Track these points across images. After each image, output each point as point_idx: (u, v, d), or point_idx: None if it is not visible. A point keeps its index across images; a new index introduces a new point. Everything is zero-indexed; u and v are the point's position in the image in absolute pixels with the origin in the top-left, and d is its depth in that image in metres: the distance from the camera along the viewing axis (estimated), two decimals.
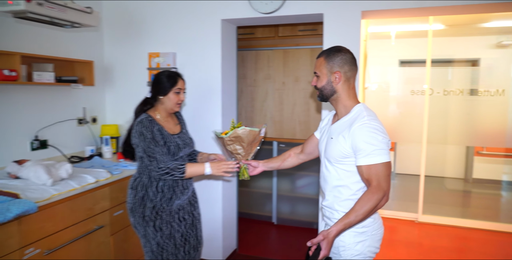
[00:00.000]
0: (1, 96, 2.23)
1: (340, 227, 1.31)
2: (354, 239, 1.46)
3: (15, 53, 2.14)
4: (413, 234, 3.67)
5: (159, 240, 1.90)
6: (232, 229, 3.11)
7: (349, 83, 1.49)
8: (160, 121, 1.90)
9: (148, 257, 1.95)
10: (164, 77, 1.90)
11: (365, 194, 1.34)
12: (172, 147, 1.87)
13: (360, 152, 1.38)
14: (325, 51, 1.51)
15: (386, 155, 1.37)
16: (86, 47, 2.89)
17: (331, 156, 1.49)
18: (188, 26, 2.80)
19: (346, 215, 1.32)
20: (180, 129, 2.02)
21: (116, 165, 2.47)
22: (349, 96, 1.50)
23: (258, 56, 3.76)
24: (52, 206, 1.77)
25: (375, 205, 1.32)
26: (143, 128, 1.80)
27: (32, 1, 1.73)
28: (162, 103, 1.92)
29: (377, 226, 1.51)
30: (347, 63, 1.47)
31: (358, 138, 1.38)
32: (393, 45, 4.45)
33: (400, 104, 4.24)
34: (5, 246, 1.55)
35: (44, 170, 1.90)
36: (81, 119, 2.85)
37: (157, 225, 1.89)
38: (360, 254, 1.46)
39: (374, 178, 1.35)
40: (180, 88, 1.91)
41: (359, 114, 1.44)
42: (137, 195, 1.88)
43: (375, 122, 1.40)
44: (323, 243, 1.28)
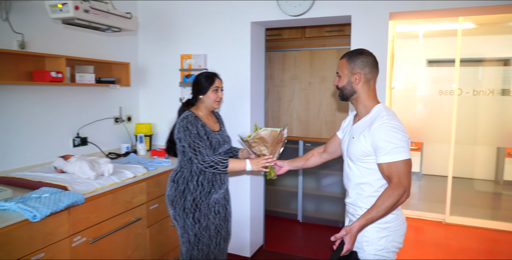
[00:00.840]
0: (49, 96, 2.41)
1: (362, 223, 1.36)
2: (377, 234, 1.51)
3: (61, 56, 2.30)
4: (440, 235, 3.64)
5: (196, 231, 2.03)
6: (259, 225, 3.20)
7: (369, 85, 1.55)
8: (202, 118, 2.04)
9: (185, 247, 2.07)
10: (203, 77, 2.04)
11: (386, 191, 1.39)
12: (214, 142, 2.00)
13: (380, 150, 1.43)
14: (348, 53, 1.58)
15: (406, 152, 1.42)
16: (122, 49, 3.05)
17: (353, 154, 1.55)
18: (219, 28, 2.90)
19: (368, 211, 1.37)
20: (219, 127, 2.15)
21: (151, 161, 2.61)
22: (369, 97, 1.56)
23: (285, 57, 3.83)
24: (96, 198, 1.91)
25: (396, 200, 1.37)
26: (189, 123, 1.93)
27: (80, 9, 1.87)
28: (202, 102, 2.06)
29: (400, 222, 1.55)
30: (367, 66, 1.53)
31: (378, 137, 1.44)
32: (420, 45, 4.41)
33: (428, 104, 4.20)
34: (57, 233, 1.69)
35: (88, 165, 2.05)
36: (117, 118, 3.01)
37: (196, 217, 2.01)
38: (383, 249, 1.51)
39: (395, 175, 1.40)
40: (218, 87, 2.04)
41: (378, 114, 1.49)
42: (178, 188, 2.02)
43: (394, 121, 1.45)
44: (346, 237, 1.34)
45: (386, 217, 1.49)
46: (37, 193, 1.75)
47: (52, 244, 1.67)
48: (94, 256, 1.91)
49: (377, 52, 2.45)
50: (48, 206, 1.60)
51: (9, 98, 2.16)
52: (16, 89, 2.20)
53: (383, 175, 1.46)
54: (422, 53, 4.54)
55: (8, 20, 2.09)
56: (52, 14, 1.88)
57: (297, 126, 3.86)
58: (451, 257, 3.12)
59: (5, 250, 1.46)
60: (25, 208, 1.56)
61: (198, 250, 2.06)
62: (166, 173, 2.44)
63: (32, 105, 2.30)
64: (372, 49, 2.45)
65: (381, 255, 1.51)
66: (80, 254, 1.82)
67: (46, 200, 1.66)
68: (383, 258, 1.52)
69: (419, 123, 4.18)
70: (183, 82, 3.03)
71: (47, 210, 1.58)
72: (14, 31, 2.14)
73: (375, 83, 1.57)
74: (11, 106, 2.17)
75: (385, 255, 1.52)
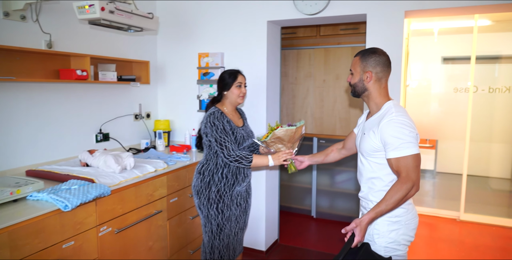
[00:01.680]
0: (74, 94, 2.51)
1: (372, 215, 1.41)
2: (388, 227, 1.55)
3: (86, 55, 2.40)
4: (455, 232, 3.65)
5: (219, 222, 2.13)
6: (274, 220, 3.26)
7: (380, 83, 1.59)
8: (227, 114, 2.14)
9: (207, 237, 2.18)
10: (226, 74, 2.15)
11: (394, 185, 1.43)
12: (238, 137, 2.10)
13: (389, 145, 1.47)
14: (362, 52, 1.62)
15: (414, 147, 1.45)
16: (142, 48, 3.15)
17: (364, 150, 1.61)
18: (236, 27, 2.97)
19: (378, 204, 1.42)
20: (243, 123, 2.25)
21: (170, 156, 2.70)
22: (380, 94, 1.60)
23: (300, 55, 3.87)
24: (120, 190, 2.00)
25: (404, 194, 1.40)
26: (215, 119, 2.04)
27: (105, 10, 1.96)
28: (227, 98, 2.16)
29: (411, 216, 1.58)
30: (379, 65, 1.57)
31: (386, 133, 1.48)
32: (436, 42, 4.40)
33: (442, 101, 4.19)
34: (86, 223, 1.79)
35: (113, 159, 2.14)
36: (137, 115, 3.11)
37: (219, 207, 2.12)
38: (394, 241, 1.55)
39: (403, 169, 1.43)
40: (241, 83, 2.15)
41: (388, 111, 1.54)
42: (204, 179, 2.12)
43: (402, 117, 1.49)
44: (356, 230, 1.38)
45: (396, 211, 1.53)
46: (67, 184, 1.85)
47: (81, 233, 1.77)
48: (118, 245, 2.01)
49: (392, 50, 2.49)
50: (78, 197, 1.70)
51: (37, 96, 2.27)
52: (43, 87, 2.31)
53: (392, 169, 1.50)
54: (437, 50, 4.52)
55: (38, 21, 2.19)
56: (80, 15, 1.98)
57: (311, 123, 3.91)
58: (465, 254, 3.13)
59: (40, 237, 1.56)
60: (57, 198, 1.66)
61: (219, 240, 2.17)
62: (185, 168, 2.52)
63: (58, 102, 2.41)
64: (387, 47, 2.49)
65: (392, 248, 1.55)
66: (106, 244, 1.92)
67: (76, 191, 1.76)
68: (394, 251, 1.56)
69: (433, 121, 4.18)
70: (201, 80, 3.11)
71: (77, 201, 1.68)
72: (43, 31, 2.24)
73: (387, 82, 1.62)
74: (39, 103, 2.28)
75: (396, 248, 1.56)
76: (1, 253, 1.41)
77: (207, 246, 2.21)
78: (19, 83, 2.15)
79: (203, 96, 3.12)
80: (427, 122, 4.37)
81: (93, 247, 1.84)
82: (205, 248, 2.24)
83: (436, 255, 3.13)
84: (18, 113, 2.16)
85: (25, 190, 1.70)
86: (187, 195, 2.57)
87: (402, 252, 1.58)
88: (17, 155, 2.17)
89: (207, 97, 3.11)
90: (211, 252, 2.21)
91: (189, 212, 2.60)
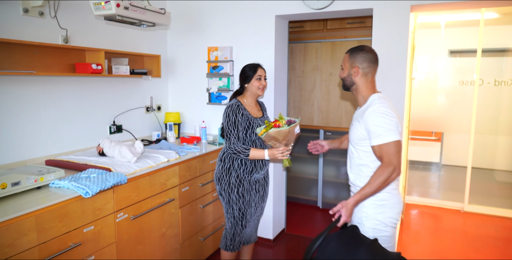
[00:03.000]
0: (89, 87, 2.61)
1: (357, 198, 1.57)
2: (374, 210, 1.69)
3: (100, 50, 2.49)
4: (458, 223, 3.73)
5: (240, 206, 2.27)
6: (281, 210, 3.36)
7: (367, 78, 1.75)
8: (247, 106, 2.26)
9: (230, 223, 2.32)
10: (247, 68, 2.27)
11: (377, 169, 1.59)
12: (255, 127, 2.22)
13: (372, 134, 1.63)
14: (351, 49, 1.78)
15: (394, 135, 1.60)
16: (153, 42, 3.23)
17: (352, 139, 1.78)
18: (244, 22, 3.04)
19: (363, 188, 1.58)
20: (262, 114, 2.37)
21: (181, 147, 2.79)
22: (367, 88, 1.76)
23: (307, 48, 3.93)
24: (136, 179, 2.11)
25: (387, 177, 1.56)
26: (231, 112, 2.17)
27: (121, 6, 2.04)
28: (248, 90, 2.28)
29: (395, 200, 1.72)
30: (366, 61, 1.72)
31: (369, 122, 1.64)
32: (442, 35, 4.42)
33: (448, 94, 4.23)
34: (104, 209, 1.89)
35: (128, 149, 2.24)
36: (149, 107, 3.21)
37: (240, 191, 2.26)
38: (380, 223, 1.69)
39: (385, 155, 1.58)
40: (260, 75, 2.26)
41: (372, 102, 1.69)
42: (224, 165, 2.25)
43: (384, 108, 1.64)
44: (342, 210, 1.54)
45: (382, 195, 1.68)
46: (86, 173, 1.96)
47: (100, 218, 1.87)
48: (134, 231, 2.12)
49: (398, 44, 2.54)
50: (97, 184, 1.80)
51: (55, 89, 2.37)
52: (60, 80, 2.40)
53: (376, 156, 1.65)
54: (444, 43, 4.54)
55: (56, 17, 2.28)
56: (96, 11, 2.06)
57: (318, 115, 3.98)
58: (468, 244, 3.21)
59: (63, 221, 1.67)
60: (77, 185, 1.76)
61: (241, 226, 2.31)
62: (195, 159, 2.62)
63: (74, 95, 2.51)
64: (393, 41, 2.55)
65: (379, 229, 1.69)
66: (123, 229, 2.03)
67: (95, 179, 1.86)
68: (381, 232, 1.69)
69: (439, 114, 4.22)
70: (210, 73, 3.19)
71: (97, 188, 1.78)
72: (61, 27, 2.33)
73: (374, 77, 1.77)
74: (56, 96, 2.38)
75: (383, 229, 1.70)
76: (29, 235, 1.52)
77: (229, 232, 2.35)
78: (38, 77, 2.25)
79: (212, 89, 3.20)
80: (433, 115, 4.41)
81: (111, 231, 1.95)
82: (227, 234, 2.37)
83: (439, 244, 3.21)
84: (37, 105, 2.27)
85: (48, 178, 1.80)
86: (198, 184, 2.67)
87: (389, 233, 1.71)
88: (36, 146, 2.28)
89: (216, 90, 3.19)
90: (231, 238, 2.35)
91: (200, 201, 2.71)
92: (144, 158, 2.34)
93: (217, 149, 2.85)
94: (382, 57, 2.59)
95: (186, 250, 2.58)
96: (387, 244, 1.69)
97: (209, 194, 2.80)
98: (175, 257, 2.47)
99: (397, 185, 1.76)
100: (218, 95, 3.21)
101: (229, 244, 2.37)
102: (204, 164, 2.72)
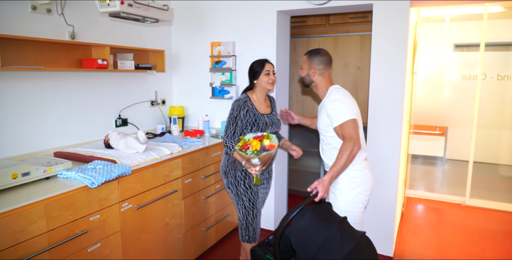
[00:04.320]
0: (95, 82, 2.69)
1: (331, 174, 1.79)
2: (348, 186, 1.97)
3: (106, 45, 2.56)
4: (459, 217, 3.76)
5: (249, 196, 2.35)
6: (283, 203, 3.44)
7: (323, 76, 2.04)
8: (255, 101, 2.31)
9: (242, 214, 2.40)
10: (255, 64, 2.32)
11: (341, 146, 1.84)
12: (261, 124, 2.27)
13: (331, 117, 1.92)
14: (309, 52, 2.07)
15: (349, 114, 1.87)
16: (158, 38, 3.29)
17: (319, 128, 2.08)
18: (247, 17, 3.08)
19: (333, 164, 1.82)
20: (271, 110, 2.40)
21: (184, 140, 2.87)
22: (325, 84, 2.05)
23: (309, 43, 3.96)
24: (140, 171, 2.19)
25: (350, 151, 1.80)
26: (237, 106, 2.23)
27: (125, 3, 2.11)
28: (257, 86, 2.32)
29: (365, 178, 2.00)
30: (322, 63, 2.02)
31: (327, 109, 1.94)
32: (447, 29, 4.41)
33: (452, 89, 4.23)
34: (109, 199, 1.98)
35: (135, 140, 2.32)
36: (153, 101, 3.29)
37: (247, 183, 2.33)
38: (354, 197, 1.97)
39: (345, 132, 1.85)
40: (269, 70, 2.30)
41: (329, 94, 2.00)
42: (230, 159, 2.32)
43: (337, 95, 1.94)
44: (318, 187, 1.73)
45: (353, 173, 1.97)
46: (92, 164, 2.04)
47: (105, 208, 1.96)
48: (139, 220, 2.20)
49: (398, 39, 2.58)
50: (103, 175, 1.88)
51: (62, 84, 2.45)
52: (67, 75, 2.49)
53: (339, 136, 1.91)
54: (449, 37, 4.53)
55: (63, 14, 2.36)
56: (101, 8, 2.13)
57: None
58: (467, 237, 3.25)
59: (71, 210, 1.76)
60: (84, 176, 1.85)
61: (252, 215, 2.38)
62: (198, 151, 2.69)
63: (81, 89, 2.59)
64: (393, 35, 2.58)
65: (351, 204, 1.96)
66: (127, 218, 2.12)
67: (100, 170, 1.95)
68: (352, 208, 1.96)
69: (443, 108, 4.24)
70: (213, 68, 3.25)
71: (102, 178, 1.86)
72: (67, 23, 2.41)
73: (330, 75, 2.07)
74: (63, 90, 2.47)
75: (354, 205, 1.97)
76: (39, 222, 1.61)
77: (242, 223, 2.42)
78: (46, 72, 2.33)
79: (215, 84, 3.27)
80: (437, 109, 4.42)
81: (116, 220, 2.04)
82: (241, 225, 2.44)
83: (438, 237, 3.26)
84: (46, 99, 2.36)
85: (56, 169, 1.89)
86: (201, 176, 2.75)
87: (359, 210, 1.99)
88: (45, 138, 2.37)
89: (219, 85, 3.25)
90: (245, 228, 2.42)
91: (203, 192, 2.79)
92: (148, 150, 2.42)
93: (219, 142, 2.92)
94: (382, 52, 2.64)
95: (189, 240, 2.67)
96: (356, 220, 1.96)
97: (211, 185, 2.88)
98: (178, 247, 2.56)
99: (367, 164, 2.06)
100: (221, 89, 3.28)
101: (245, 235, 2.43)
102: (207, 157, 2.80)
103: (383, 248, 2.84)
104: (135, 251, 2.19)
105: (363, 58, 3.68)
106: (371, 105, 2.75)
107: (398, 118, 2.66)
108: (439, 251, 3.00)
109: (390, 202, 2.77)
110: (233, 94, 3.22)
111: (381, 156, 2.74)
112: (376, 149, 2.76)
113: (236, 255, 2.89)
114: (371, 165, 2.76)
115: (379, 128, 2.73)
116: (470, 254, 2.94)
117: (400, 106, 2.64)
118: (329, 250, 1.54)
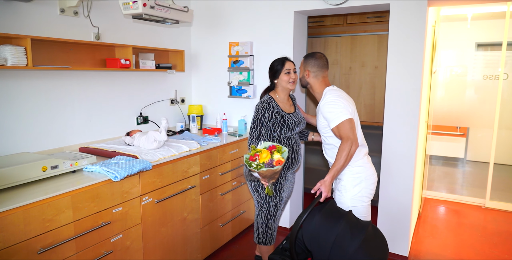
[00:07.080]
0: (118, 81, 2.81)
1: (331, 174, 1.86)
2: (352, 182, 2.03)
3: (129, 46, 2.67)
4: (479, 219, 3.71)
5: (277, 202, 2.35)
6: (299, 200, 3.48)
7: (317, 79, 2.13)
8: (279, 101, 2.29)
9: (263, 217, 2.40)
10: (275, 62, 2.30)
11: (339, 146, 1.90)
12: (290, 123, 2.26)
13: (328, 119, 1.98)
14: (306, 55, 2.20)
15: (345, 115, 1.93)
16: (178, 38, 3.39)
17: (319, 129, 2.17)
18: (264, 17, 3.14)
19: (333, 165, 1.89)
20: (294, 109, 2.40)
21: (203, 138, 2.95)
22: (320, 86, 2.13)
23: (327, 43, 3.98)
24: (160, 166, 2.28)
25: (348, 150, 1.86)
26: (261, 108, 2.22)
27: (147, 6, 2.20)
28: (278, 86, 2.31)
29: (369, 173, 2.06)
30: (315, 66, 2.12)
31: (323, 112, 2.02)
32: (469, 28, 4.34)
33: (473, 89, 4.16)
34: (131, 192, 2.08)
35: (154, 133, 2.44)
36: (173, 100, 3.39)
37: (277, 188, 2.33)
38: (357, 193, 2.02)
39: (343, 133, 1.91)
40: (289, 69, 2.26)
41: (324, 95, 2.06)
42: None
43: (331, 97, 2.01)
44: (321, 188, 1.81)
45: (356, 169, 2.03)
46: (115, 159, 2.14)
47: (127, 201, 2.06)
48: (158, 214, 2.30)
49: (415, 38, 2.58)
50: (125, 170, 1.98)
51: (88, 82, 2.57)
52: (92, 75, 2.61)
53: (337, 136, 1.98)
54: (471, 36, 4.45)
55: (89, 16, 2.48)
56: (124, 10, 2.23)
57: None
58: (486, 239, 3.21)
59: (96, 202, 1.86)
60: (107, 170, 1.95)
61: (274, 220, 2.41)
62: (216, 149, 2.77)
63: (105, 88, 2.71)
64: (409, 35, 2.59)
65: (356, 199, 2.01)
66: (147, 211, 2.21)
67: (123, 165, 2.04)
68: (358, 202, 2.01)
69: (464, 109, 4.18)
70: (231, 68, 3.32)
71: (125, 173, 1.96)
72: (93, 25, 2.53)
73: (325, 77, 2.15)
74: (88, 89, 2.59)
75: (360, 199, 2.02)
76: (66, 212, 1.72)
77: (261, 225, 2.42)
78: (73, 71, 2.46)
79: (233, 83, 3.34)
80: (458, 110, 4.35)
81: (137, 213, 2.13)
82: (258, 227, 2.45)
83: (455, 238, 3.23)
84: (72, 98, 2.48)
85: (82, 163, 2.00)
86: (218, 173, 2.82)
87: (365, 204, 2.04)
88: (71, 134, 2.50)
89: (236, 84, 3.32)
90: (263, 231, 2.43)
91: (220, 189, 2.86)
92: (167, 147, 2.51)
93: (237, 140, 2.99)
94: (398, 52, 2.64)
95: (205, 234, 2.75)
96: (362, 214, 2.01)
97: (228, 182, 2.95)
98: (195, 241, 2.65)
99: (369, 159, 2.12)
100: (239, 88, 3.35)
101: (262, 237, 2.44)
102: (224, 154, 2.87)
103: (398, 247, 2.84)
104: (154, 243, 2.28)
105: (380, 58, 3.68)
106: (387, 104, 2.75)
107: (415, 118, 2.65)
108: (456, 252, 2.97)
109: (405, 202, 2.77)
110: (250, 93, 3.28)
111: (397, 155, 2.75)
112: (392, 149, 2.76)
113: (251, 250, 2.96)
114: (386, 164, 2.77)
115: (395, 128, 2.73)
116: (488, 256, 2.91)
117: (417, 106, 2.63)
118: (342, 245, 1.63)
